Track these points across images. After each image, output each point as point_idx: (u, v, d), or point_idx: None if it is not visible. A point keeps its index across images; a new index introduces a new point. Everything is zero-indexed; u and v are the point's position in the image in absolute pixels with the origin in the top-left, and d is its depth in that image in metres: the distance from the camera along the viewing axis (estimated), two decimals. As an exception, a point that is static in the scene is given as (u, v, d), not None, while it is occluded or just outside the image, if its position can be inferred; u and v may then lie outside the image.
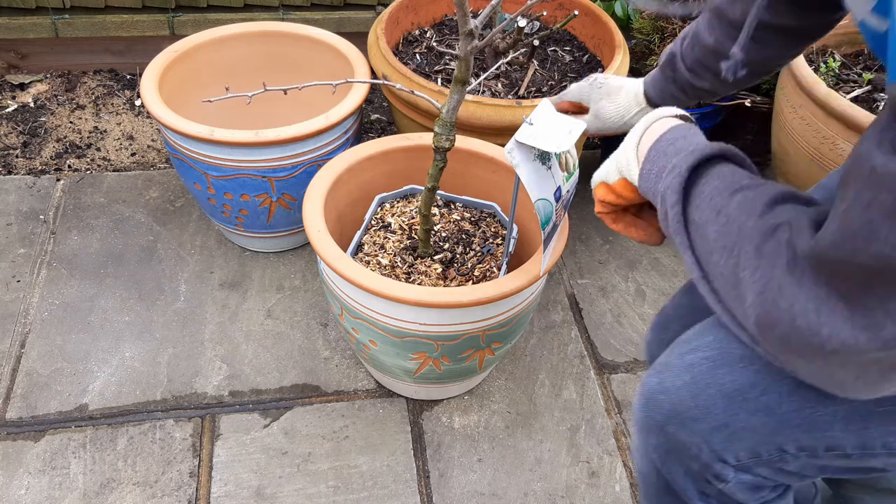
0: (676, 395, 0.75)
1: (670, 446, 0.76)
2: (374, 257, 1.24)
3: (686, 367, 0.76)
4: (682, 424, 0.74)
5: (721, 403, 0.73)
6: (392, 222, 1.30)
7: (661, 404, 0.76)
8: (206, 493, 1.25)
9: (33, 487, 1.24)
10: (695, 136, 0.75)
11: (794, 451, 0.73)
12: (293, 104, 1.63)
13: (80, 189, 1.77)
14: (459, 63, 0.99)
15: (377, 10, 2.07)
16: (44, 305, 1.51)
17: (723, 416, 0.73)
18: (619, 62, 1.53)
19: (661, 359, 0.79)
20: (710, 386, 0.74)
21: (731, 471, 0.75)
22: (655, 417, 0.76)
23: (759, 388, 0.72)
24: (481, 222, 1.33)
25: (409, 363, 1.23)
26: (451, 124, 1.07)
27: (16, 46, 2.00)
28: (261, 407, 1.39)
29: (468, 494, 1.29)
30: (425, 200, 1.16)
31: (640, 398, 0.78)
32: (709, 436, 0.74)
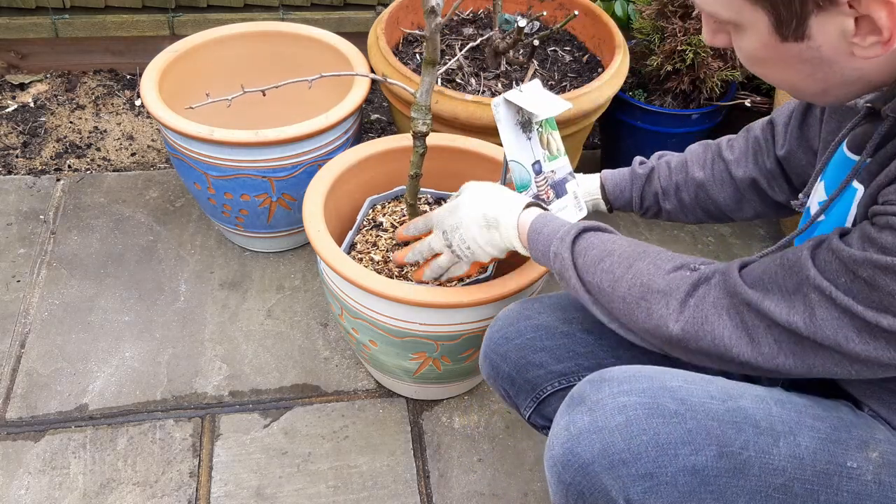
0: (609, 437, 0.74)
1: (589, 488, 0.76)
2: (366, 254, 1.25)
3: (620, 409, 0.75)
4: (609, 466, 0.74)
5: (652, 453, 0.74)
6: (384, 221, 1.30)
7: (592, 443, 0.75)
8: (206, 493, 1.25)
9: (33, 487, 1.24)
10: (554, 222, 0.93)
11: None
12: (294, 104, 1.63)
13: (80, 189, 1.77)
14: (427, 43, 0.98)
15: (377, 10, 2.06)
16: (44, 305, 1.52)
17: (651, 466, 0.73)
18: (619, 62, 1.53)
19: (588, 395, 0.78)
20: (645, 433, 0.74)
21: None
22: (583, 456, 0.75)
23: (690, 446, 0.74)
24: None
25: (410, 363, 1.23)
26: (426, 108, 1.06)
27: (16, 46, 2.00)
28: (261, 407, 1.39)
29: (468, 494, 1.29)
30: (410, 189, 1.16)
31: (566, 435, 0.77)
32: (631, 483, 0.74)
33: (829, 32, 0.65)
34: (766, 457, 0.75)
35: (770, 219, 1.09)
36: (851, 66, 0.67)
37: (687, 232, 1.82)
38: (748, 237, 1.81)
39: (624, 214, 1.83)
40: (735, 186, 1.06)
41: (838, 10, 0.63)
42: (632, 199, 1.13)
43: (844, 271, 0.69)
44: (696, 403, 0.76)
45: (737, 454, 0.74)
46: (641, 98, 1.77)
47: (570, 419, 0.78)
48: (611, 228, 0.94)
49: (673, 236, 1.80)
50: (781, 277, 0.73)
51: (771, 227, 1.84)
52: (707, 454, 0.74)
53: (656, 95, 1.78)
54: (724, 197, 1.07)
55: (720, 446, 0.74)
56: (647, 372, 0.79)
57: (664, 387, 0.77)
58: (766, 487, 0.75)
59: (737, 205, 1.08)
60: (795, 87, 0.74)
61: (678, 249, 1.76)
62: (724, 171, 1.07)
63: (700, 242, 1.79)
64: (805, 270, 0.71)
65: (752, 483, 0.75)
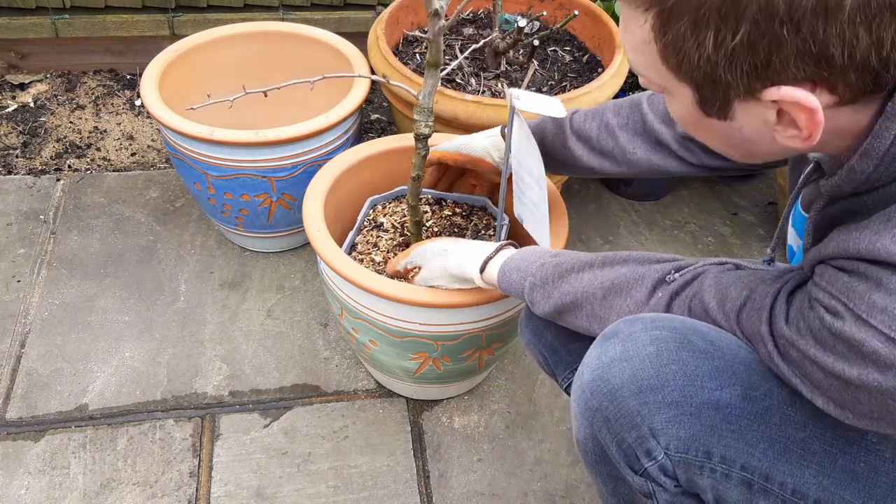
0: (640, 364, 0.76)
1: (615, 413, 0.77)
2: (367, 255, 1.25)
3: (652, 340, 0.77)
4: (637, 391, 0.76)
5: (680, 381, 0.75)
6: (384, 222, 1.30)
7: (622, 370, 0.77)
8: (206, 493, 1.25)
9: (33, 487, 1.24)
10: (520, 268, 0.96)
11: (717, 460, 0.76)
12: (294, 104, 1.63)
13: (80, 189, 1.77)
14: (430, 46, 0.98)
15: (377, 10, 2.07)
16: (44, 305, 1.51)
17: (678, 394, 0.75)
18: (620, 62, 1.53)
19: (622, 329, 0.80)
20: (674, 363, 0.76)
21: (660, 452, 0.77)
22: (612, 381, 0.77)
23: (716, 381, 0.75)
24: (472, 216, 1.33)
25: (410, 363, 1.23)
26: (428, 110, 1.06)
27: (16, 46, 2.00)
28: (261, 407, 1.39)
29: (468, 494, 1.29)
30: (412, 191, 1.16)
31: (598, 363, 0.79)
32: (657, 410, 0.75)
33: (752, 118, 0.66)
34: (788, 408, 0.75)
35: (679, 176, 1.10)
36: (776, 146, 0.68)
37: (687, 232, 1.82)
38: (748, 237, 1.81)
39: (623, 214, 1.84)
40: (647, 134, 1.06)
41: (761, 103, 0.63)
42: (554, 122, 1.13)
43: (788, 347, 0.72)
44: (724, 347, 0.77)
45: (760, 399, 0.75)
46: (641, 98, 1.77)
47: (602, 349, 0.80)
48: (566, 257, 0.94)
49: (673, 236, 1.80)
50: (747, 318, 0.77)
51: (770, 226, 1.84)
52: (732, 392, 0.75)
53: (656, 95, 1.78)
54: (627, 137, 1.07)
55: (745, 388, 0.75)
56: (680, 317, 0.81)
57: (696, 329, 0.79)
58: (786, 439, 0.75)
59: (635, 145, 1.07)
60: (722, 150, 0.76)
61: (678, 250, 1.76)
62: (640, 120, 1.07)
63: (700, 242, 1.79)
64: (762, 325, 0.75)
65: (772, 431, 0.75)
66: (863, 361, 0.63)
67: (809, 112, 0.61)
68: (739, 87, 0.63)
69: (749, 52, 0.60)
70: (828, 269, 0.68)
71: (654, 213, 1.86)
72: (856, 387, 0.65)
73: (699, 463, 0.76)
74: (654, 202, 1.89)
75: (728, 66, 0.61)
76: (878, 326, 0.62)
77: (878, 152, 0.63)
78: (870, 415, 0.66)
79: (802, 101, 0.60)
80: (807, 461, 0.75)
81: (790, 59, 0.59)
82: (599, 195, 1.89)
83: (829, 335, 0.66)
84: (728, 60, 0.61)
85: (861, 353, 0.63)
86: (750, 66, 0.60)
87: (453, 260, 1.04)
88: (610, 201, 1.88)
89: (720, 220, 1.86)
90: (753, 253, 1.78)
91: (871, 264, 0.64)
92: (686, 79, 0.65)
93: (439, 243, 1.08)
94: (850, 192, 0.69)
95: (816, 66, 0.59)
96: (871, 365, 0.63)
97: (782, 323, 0.72)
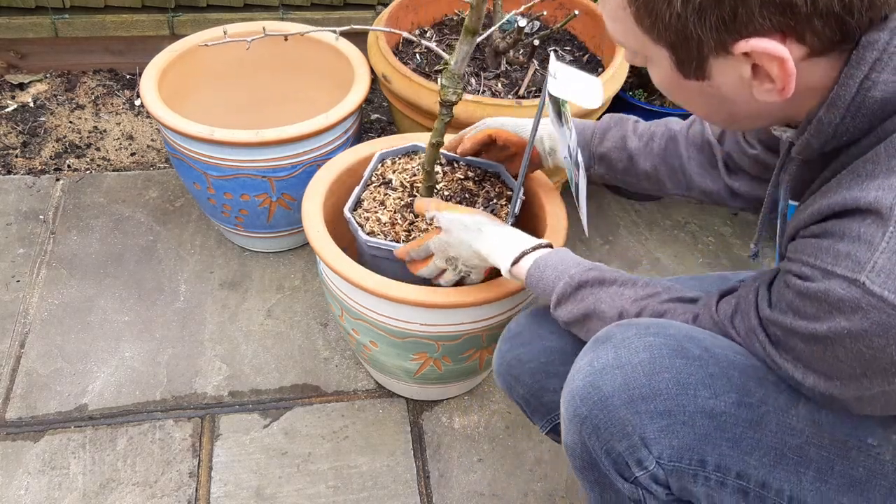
0: (632, 371, 0.75)
1: (605, 422, 0.76)
2: (373, 213, 1.19)
3: (645, 347, 0.76)
4: (629, 401, 0.75)
5: (673, 390, 0.74)
6: (393, 179, 1.25)
7: (613, 377, 0.76)
8: (205, 494, 1.25)
9: (33, 487, 1.24)
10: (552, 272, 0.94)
11: (711, 468, 0.75)
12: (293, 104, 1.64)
13: (80, 189, 1.77)
14: (470, 12, 0.96)
15: (377, 9, 2.07)
16: (43, 305, 1.51)
17: (670, 403, 0.74)
18: (620, 62, 1.53)
19: (615, 334, 0.79)
20: (667, 370, 0.75)
21: (652, 462, 0.76)
22: (603, 389, 0.76)
23: (710, 389, 0.75)
24: (485, 182, 1.27)
25: (410, 364, 1.23)
26: (458, 77, 1.03)
27: (16, 46, 2.00)
28: (261, 407, 1.38)
29: (468, 495, 1.29)
30: (429, 157, 1.12)
31: (589, 369, 0.78)
32: (649, 419, 0.75)
33: (728, 75, 0.68)
34: (784, 415, 0.75)
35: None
36: (755, 105, 0.70)
37: (687, 232, 1.82)
38: (748, 237, 1.81)
39: (624, 214, 1.84)
40: (710, 151, 1.06)
41: (734, 58, 0.65)
42: (592, 136, 1.12)
43: (771, 326, 0.73)
44: (719, 354, 0.77)
45: (756, 406, 0.75)
46: (642, 98, 1.77)
47: (594, 355, 0.79)
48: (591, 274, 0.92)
49: (673, 236, 1.80)
50: (739, 320, 0.78)
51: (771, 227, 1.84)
52: (726, 400, 0.74)
53: (657, 95, 1.78)
54: (694, 157, 1.07)
55: (740, 395, 0.75)
56: (675, 323, 0.81)
57: (691, 335, 0.78)
58: (782, 446, 0.75)
59: (701, 170, 1.07)
60: (705, 115, 0.78)
61: (678, 249, 1.76)
62: (702, 134, 1.07)
63: (700, 242, 1.79)
64: (752, 320, 0.76)
65: (768, 438, 0.75)
66: (830, 313, 0.64)
67: (780, 62, 0.63)
68: (711, 43, 0.65)
69: (715, 6, 0.62)
70: (799, 241, 0.69)
71: (655, 213, 1.86)
72: (831, 343, 0.65)
73: (693, 471, 0.76)
74: (654, 202, 1.89)
75: (698, 22, 0.64)
76: (841, 273, 0.62)
77: (844, 101, 0.65)
78: (854, 374, 0.66)
79: (771, 50, 0.62)
80: (804, 468, 0.75)
81: (755, 10, 0.61)
82: (600, 195, 1.89)
83: (801, 300, 0.67)
84: (697, 16, 0.63)
85: (828, 305, 0.64)
86: (718, 19, 0.63)
87: (488, 242, 1.01)
88: (610, 201, 1.88)
89: (720, 220, 1.85)
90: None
91: (838, 219, 0.65)
92: (661, 40, 0.68)
93: (476, 218, 1.04)
94: (819, 149, 0.70)
95: (782, 16, 0.61)
96: (838, 314, 0.63)
97: (766, 308, 0.73)
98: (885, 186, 0.62)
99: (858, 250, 0.62)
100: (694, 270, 1.72)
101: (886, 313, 0.60)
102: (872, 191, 0.62)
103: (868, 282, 0.61)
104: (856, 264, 0.61)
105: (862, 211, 0.63)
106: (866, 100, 0.64)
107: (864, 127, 0.66)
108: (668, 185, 1.10)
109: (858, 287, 0.61)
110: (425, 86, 1.42)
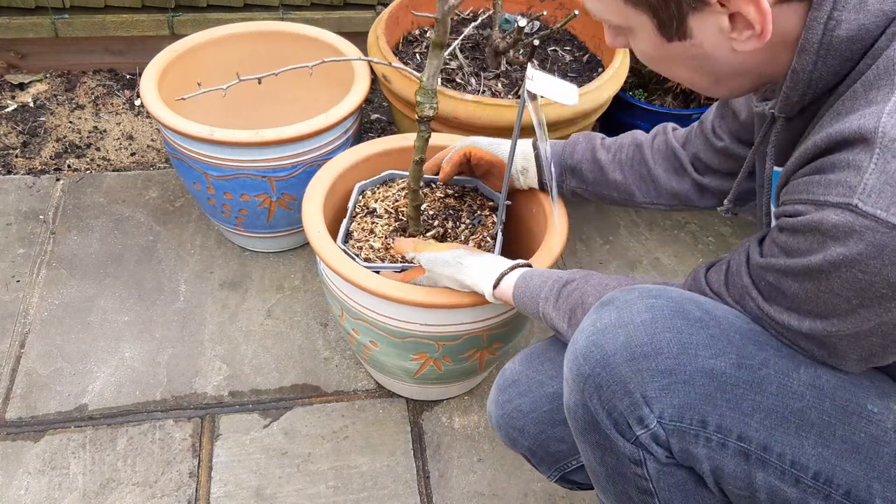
0: (634, 330, 0.76)
1: (607, 380, 0.77)
2: (365, 242, 1.22)
3: (647, 308, 0.77)
4: (630, 358, 0.75)
5: (675, 349, 0.75)
6: (377, 207, 1.28)
7: (616, 336, 0.76)
8: (205, 494, 1.25)
9: (33, 487, 1.24)
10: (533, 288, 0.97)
11: (713, 429, 0.75)
12: (293, 104, 1.63)
13: (80, 189, 1.77)
14: (437, 26, 0.97)
15: (377, 9, 2.07)
16: (43, 305, 1.51)
17: (671, 362, 0.75)
18: (620, 62, 1.53)
19: (618, 297, 0.80)
20: (669, 330, 0.75)
21: (653, 420, 0.76)
22: (606, 348, 0.76)
23: (711, 350, 0.75)
24: (465, 197, 1.31)
25: (410, 364, 1.23)
26: (432, 91, 1.05)
27: (16, 46, 2.00)
28: (261, 407, 1.38)
29: (468, 495, 1.29)
30: (414, 175, 1.14)
31: (592, 329, 0.78)
32: (650, 377, 0.75)
33: (708, 30, 0.70)
34: (785, 378, 0.75)
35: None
36: (737, 60, 0.72)
37: (688, 232, 1.82)
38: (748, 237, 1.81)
39: (624, 214, 1.84)
40: (675, 157, 1.10)
41: (711, 9, 0.68)
42: (563, 151, 1.16)
43: (764, 274, 0.74)
44: (720, 316, 0.77)
45: (756, 368, 0.75)
46: (642, 98, 1.77)
47: (596, 316, 0.80)
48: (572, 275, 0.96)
49: (673, 236, 1.80)
50: (732, 283, 0.80)
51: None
52: (726, 361, 0.75)
53: (657, 95, 1.78)
54: (660, 163, 1.12)
55: (740, 357, 0.75)
56: (676, 288, 0.82)
57: (692, 298, 0.79)
58: (783, 409, 0.75)
59: (668, 174, 1.11)
60: (690, 81, 0.79)
61: (678, 249, 1.76)
62: (666, 142, 1.11)
63: (700, 242, 1.79)
64: (743, 278, 0.78)
65: (768, 401, 0.75)
66: (824, 242, 0.64)
67: (756, 3, 0.65)
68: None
69: None
70: (789, 185, 0.70)
71: (655, 213, 1.86)
72: (826, 275, 0.65)
73: (694, 432, 0.76)
74: (654, 202, 1.88)
75: None
76: (833, 200, 0.63)
77: (813, 45, 0.67)
78: (850, 306, 0.66)
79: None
80: (805, 432, 0.75)
81: None
82: (599, 195, 1.89)
83: (793, 236, 0.68)
84: None
85: (821, 234, 0.64)
86: None
87: (469, 273, 1.04)
88: (610, 201, 1.88)
89: (720, 219, 1.85)
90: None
91: (824, 155, 0.66)
92: (642, 5, 0.71)
93: (455, 253, 1.07)
94: (799, 102, 0.72)
95: None
96: (832, 241, 0.64)
97: (757, 258, 0.74)
98: (867, 115, 0.63)
99: (848, 176, 0.63)
100: (694, 270, 1.72)
101: (880, 232, 0.61)
102: (855, 120, 0.64)
103: (860, 203, 0.61)
104: (847, 189, 0.62)
105: (848, 141, 0.64)
106: (833, 40, 0.66)
107: (836, 69, 0.68)
108: (637, 194, 1.14)
109: (851, 210, 0.62)
110: (425, 86, 1.42)
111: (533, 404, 0.97)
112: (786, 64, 0.71)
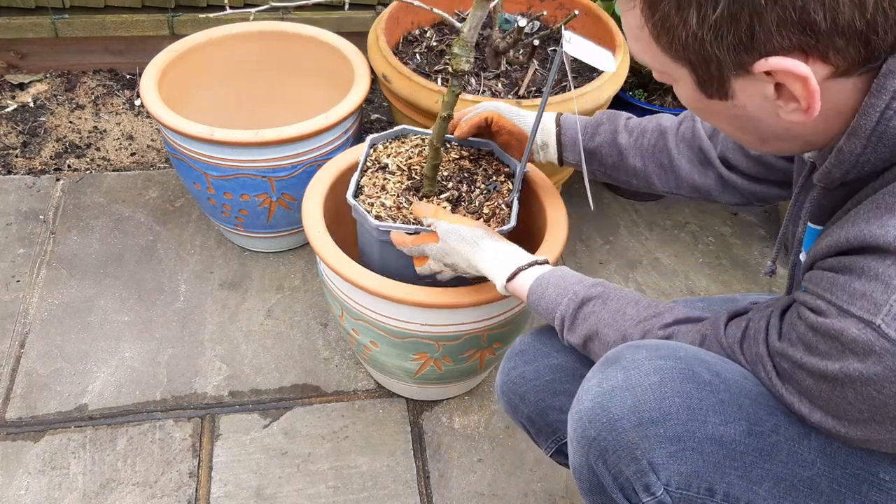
0: (642, 394, 0.74)
1: (613, 444, 0.75)
2: (377, 199, 1.16)
3: (656, 370, 0.75)
4: (638, 423, 0.73)
5: (683, 415, 0.73)
6: (389, 163, 1.22)
7: (623, 399, 0.74)
8: (205, 494, 1.25)
9: (33, 487, 1.24)
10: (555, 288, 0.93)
11: (720, 497, 0.74)
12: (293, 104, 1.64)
13: (80, 189, 1.77)
14: None
15: (377, 9, 2.07)
16: (43, 305, 1.51)
17: (680, 428, 0.73)
18: (620, 62, 1.53)
19: (625, 355, 0.78)
20: (678, 395, 0.73)
21: (660, 488, 0.74)
22: (613, 411, 0.74)
23: (720, 416, 0.73)
24: (481, 160, 1.26)
25: (411, 364, 1.23)
26: (471, 45, 1.00)
27: (16, 46, 2.00)
28: (261, 407, 1.38)
29: (468, 495, 1.29)
30: (438, 131, 1.09)
31: (598, 390, 0.76)
32: (658, 444, 0.73)
33: (752, 95, 0.66)
34: (795, 445, 0.73)
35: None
36: (782, 126, 0.68)
37: (688, 232, 1.82)
38: (748, 237, 1.81)
39: (624, 214, 1.84)
40: (701, 148, 1.06)
41: (756, 77, 0.63)
42: (584, 132, 1.12)
43: (780, 359, 0.72)
44: (730, 379, 0.75)
45: (766, 435, 0.73)
46: (642, 98, 1.77)
47: (603, 376, 0.77)
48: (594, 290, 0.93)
49: (673, 236, 1.80)
50: (748, 346, 0.77)
51: (771, 226, 1.84)
52: (736, 428, 0.73)
53: (656, 95, 1.78)
54: (684, 153, 1.07)
55: (750, 423, 0.73)
56: (685, 346, 0.79)
57: (701, 359, 0.77)
58: (793, 477, 0.73)
59: (691, 165, 1.07)
60: (733, 136, 0.75)
61: (679, 249, 1.76)
62: (693, 130, 1.06)
63: (700, 242, 1.79)
64: (760, 347, 0.75)
65: (778, 469, 0.73)
66: (843, 353, 0.62)
67: (803, 80, 0.61)
68: (730, 63, 0.63)
69: (732, 25, 0.60)
70: (815, 272, 0.67)
71: (655, 213, 1.86)
72: (841, 384, 0.64)
73: (701, 500, 0.74)
74: (654, 202, 1.89)
75: (715, 41, 0.62)
76: (857, 313, 0.61)
77: (866, 131, 0.63)
78: (861, 417, 0.65)
79: (792, 68, 0.60)
80: (814, 501, 0.73)
81: (773, 28, 0.59)
82: (600, 195, 1.89)
83: (813, 335, 0.65)
84: (714, 35, 0.61)
85: (841, 345, 0.62)
86: (735, 38, 0.61)
87: (484, 257, 1.00)
88: (610, 201, 1.88)
89: (720, 220, 1.85)
90: (754, 252, 1.78)
91: (855, 255, 0.63)
92: (681, 59, 0.66)
93: (474, 231, 1.03)
94: (841, 179, 0.69)
95: (801, 34, 0.59)
96: (851, 355, 0.62)
97: (776, 338, 0.72)
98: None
99: (875, 290, 0.60)
100: (694, 270, 1.72)
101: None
102: (892, 228, 0.61)
103: (884, 325, 0.59)
104: (872, 305, 0.60)
105: (882, 249, 0.61)
106: (888, 130, 0.62)
107: (886, 157, 0.65)
108: (657, 182, 1.10)
109: (874, 330, 0.60)
110: (425, 86, 1.42)
111: (536, 372, 0.97)
112: (837, 133, 0.67)
